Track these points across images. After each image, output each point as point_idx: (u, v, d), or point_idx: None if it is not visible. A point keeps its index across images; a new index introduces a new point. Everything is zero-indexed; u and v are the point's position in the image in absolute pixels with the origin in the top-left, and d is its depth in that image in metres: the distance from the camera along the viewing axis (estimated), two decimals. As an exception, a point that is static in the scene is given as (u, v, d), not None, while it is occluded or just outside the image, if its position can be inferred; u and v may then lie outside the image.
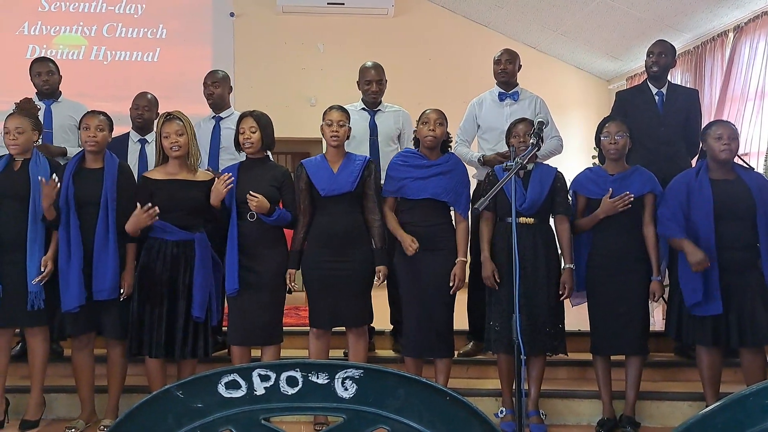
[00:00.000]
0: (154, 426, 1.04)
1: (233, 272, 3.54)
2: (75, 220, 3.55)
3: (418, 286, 3.64)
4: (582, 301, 3.80)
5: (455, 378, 3.97)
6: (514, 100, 4.42)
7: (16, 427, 3.70)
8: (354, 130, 4.32)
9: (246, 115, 3.69)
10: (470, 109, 4.53)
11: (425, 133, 3.66)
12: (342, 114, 3.69)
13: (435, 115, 3.69)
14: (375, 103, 4.39)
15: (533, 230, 3.62)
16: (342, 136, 3.68)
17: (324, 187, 3.63)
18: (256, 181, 3.62)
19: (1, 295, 3.54)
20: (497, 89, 4.47)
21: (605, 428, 3.68)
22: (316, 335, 3.70)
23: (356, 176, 3.65)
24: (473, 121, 4.49)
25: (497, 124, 4.30)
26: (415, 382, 1.06)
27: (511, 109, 4.36)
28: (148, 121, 4.47)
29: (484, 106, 4.47)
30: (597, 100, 8.17)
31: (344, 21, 7.90)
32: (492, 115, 4.40)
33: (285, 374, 1.05)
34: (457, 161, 3.80)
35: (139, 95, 4.54)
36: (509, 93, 4.43)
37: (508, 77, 4.40)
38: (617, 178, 3.65)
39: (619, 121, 3.70)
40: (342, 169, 3.67)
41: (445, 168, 3.71)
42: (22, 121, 3.65)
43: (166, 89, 6.99)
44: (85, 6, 7.65)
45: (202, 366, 3.75)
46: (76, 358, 3.71)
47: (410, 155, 3.77)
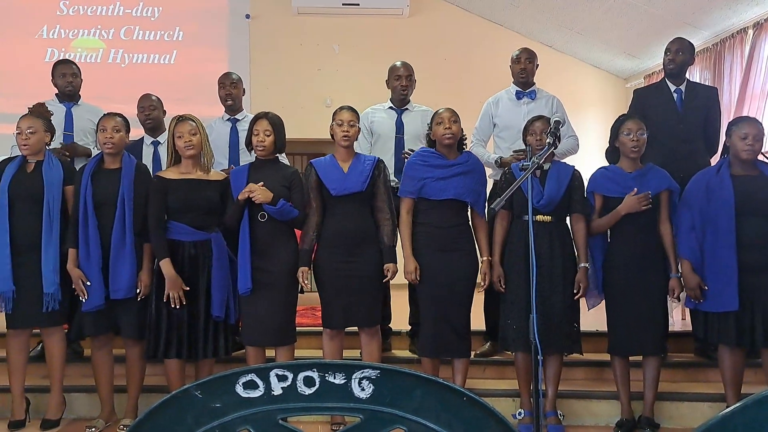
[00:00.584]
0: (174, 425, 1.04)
1: (246, 272, 3.55)
2: (93, 220, 3.58)
3: (436, 287, 3.63)
4: (598, 302, 3.78)
5: (472, 378, 3.96)
6: (531, 99, 4.41)
7: (37, 426, 3.74)
8: (380, 128, 4.35)
9: (261, 116, 3.70)
10: (486, 108, 4.52)
11: (442, 132, 3.66)
12: (352, 114, 3.70)
13: (448, 113, 3.69)
14: (403, 101, 4.39)
15: (550, 229, 3.60)
16: (353, 135, 3.69)
17: (335, 186, 3.63)
18: (267, 181, 3.62)
19: (16, 296, 3.57)
20: (514, 88, 4.47)
21: (624, 429, 3.66)
22: (329, 336, 3.71)
23: (367, 176, 3.66)
24: (489, 120, 4.48)
25: (514, 122, 4.29)
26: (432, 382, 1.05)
27: (528, 107, 4.36)
28: (157, 120, 4.49)
29: (501, 105, 4.46)
30: (614, 99, 8.12)
31: (359, 22, 7.91)
32: (509, 114, 4.39)
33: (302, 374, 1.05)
34: (476, 161, 3.80)
35: (143, 97, 4.55)
36: (526, 92, 4.43)
37: (527, 76, 4.39)
38: (636, 175, 3.62)
39: (638, 119, 3.68)
40: (352, 169, 3.68)
41: (466, 168, 3.70)
42: (34, 122, 3.70)
43: (183, 91, 7.05)
44: (102, 9, 7.71)
45: (219, 366, 3.77)
46: (95, 358, 3.74)
47: (429, 155, 3.75)
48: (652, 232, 3.62)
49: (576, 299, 3.63)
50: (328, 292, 3.67)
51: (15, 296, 3.57)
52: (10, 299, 3.56)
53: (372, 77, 7.58)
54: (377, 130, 4.39)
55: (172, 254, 3.57)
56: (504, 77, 4.57)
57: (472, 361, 3.92)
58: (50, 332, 3.73)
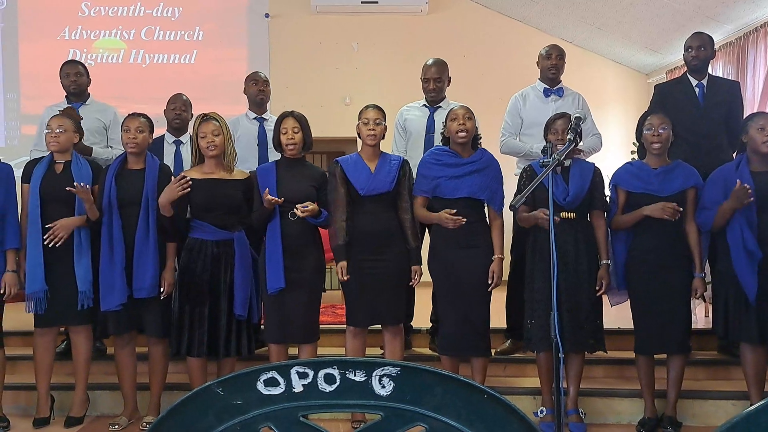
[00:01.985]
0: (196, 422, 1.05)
1: (278, 270, 3.55)
2: (117, 220, 3.62)
3: (455, 285, 3.62)
4: (621, 300, 3.75)
5: (493, 376, 3.95)
6: (559, 96, 4.39)
7: (61, 423, 3.79)
8: (413, 126, 4.34)
9: (287, 115, 3.71)
10: (514, 102, 4.49)
11: (456, 129, 3.64)
12: (378, 112, 3.70)
13: (463, 110, 3.67)
14: (435, 100, 4.38)
15: (574, 225, 3.58)
16: (379, 134, 3.69)
17: (363, 186, 3.63)
18: (296, 180, 3.64)
19: (50, 296, 3.62)
20: (541, 84, 4.44)
21: (647, 428, 3.63)
22: (353, 333, 3.71)
23: (394, 176, 3.66)
24: (517, 114, 4.44)
25: (542, 119, 4.24)
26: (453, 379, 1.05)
27: (556, 105, 4.33)
28: (185, 121, 4.53)
29: (528, 101, 4.44)
30: (636, 95, 8.04)
31: (378, 20, 7.91)
32: (537, 111, 4.36)
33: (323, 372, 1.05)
34: (490, 158, 3.77)
35: (174, 96, 4.59)
36: (554, 89, 4.40)
37: (557, 73, 4.37)
38: (660, 172, 3.59)
39: (661, 114, 3.65)
40: (379, 169, 3.68)
41: (480, 165, 3.68)
42: (64, 121, 3.74)
43: (203, 91, 7.08)
44: (123, 10, 7.78)
45: (241, 364, 3.79)
46: (119, 356, 3.78)
47: (442, 153, 3.73)
48: (677, 229, 3.58)
49: (599, 296, 3.60)
50: (353, 291, 3.67)
51: (47, 296, 3.61)
52: (43, 299, 3.60)
53: (391, 75, 7.61)
54: (410, 128, 4.38)
55: (195, 253, 3.60)
56: (524, 74, 4.55)
57: (493, 359, 3.90)
58: (78, 330, 3.77)
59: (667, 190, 3.56)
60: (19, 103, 7.61)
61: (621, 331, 4.09)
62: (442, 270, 3.66)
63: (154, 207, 3.64)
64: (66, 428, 3.75)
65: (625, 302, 3.73)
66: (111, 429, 3.72)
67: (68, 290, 3.62)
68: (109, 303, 3.59)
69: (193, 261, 3.60)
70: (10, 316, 3.79)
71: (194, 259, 3.59)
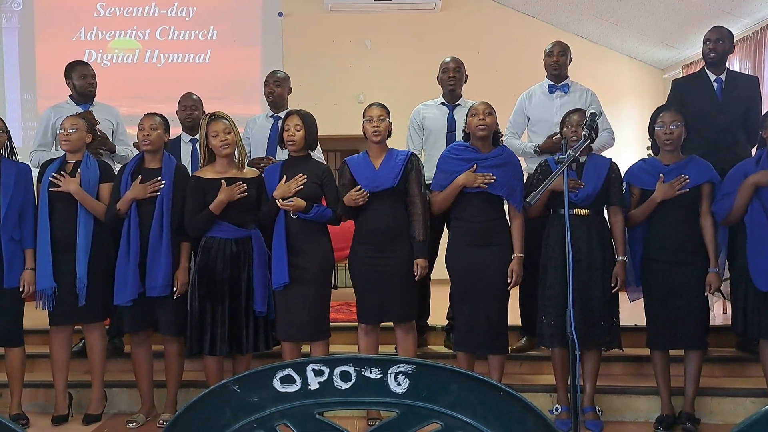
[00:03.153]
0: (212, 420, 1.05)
1: (282, 266, 3.57)
2: (135, 218, 3.65)
3: (473, 283, 3.62)
4: (640, 296, 3.73)
5: (508, 374, 3.94)
6: (564, 93, 4.36)
7: (80, 420, 3.82)
8: (432, 124, 4.34)
9: (292, 113, 3.73)
10: (520, 102, 4.49)
11: (476, 124, 3.63)
12: (381, 109, 3.70)
13: (483, 106, 3.66)
14: (452, 95, 4.37)
15: (588, 222, 3.56)
16: (383, 131, 3.69)
17: (366, 183, 3.63)
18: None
19: (57, 294, 3.65)
20: (547, 81, 4.42)
21: (664, 425, 3.60)
22: (364, 331, 3.72)
23: (398, 172, 3.65)
24: (523, 113, 4.44)
25: (547, 116, 4.25)
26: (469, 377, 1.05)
27: (561, 101, 4.31)
28: (197, 120, 4.54)
29: (534, 99, 4.42)
30: (652, 90, 7.98)
31: (391, 17, 7.90)
32: (542, 108, 4.35)
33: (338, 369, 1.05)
34: (510, 154, 3.76)
35: (184, 96, 4.62)
36: (559, 85, 4.38)
37: (560, 69, 4.35)
38: (673, 168, 3.56)
39: (673, 111, 3.62)
40: (383, 165, 3.68)
41: (499, 161, 3.67)
42: (77, 121, 3.79)
43: (218, 90, 7.11)
44: (138, 10, 7.82)
45: (256, 361, 3.81)
46: (135, 354, 3.81)
47: (462, 148, 3.73)
48: (692, 224, 3.56)
49: (615, 293, 3.58)
50: (363, 288, 3.68)
51: (57, 294, 3.65)
52: (51, 297, 3.64)
53: (404, 72, 7.60)
54: (429, 126, 4.37)
55: (214, 252, 3.62)
56: (538, 70, 4.53)
57: (508, 356, 3.89)
58: (90, 329, 3.81)
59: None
60: (36, 104, 7.68)
61: (638, 328, 4.06)
62: (460, 267, 3.65)
63: (169, 207, 3.66)
64: (84, 425, 3.79)
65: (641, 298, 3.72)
66: (128, 426, 3.75)
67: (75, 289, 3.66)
68: (120, 298, 3.63)
69: (213, 260, 3.61)
70: (29, 314, 3.83)
71: (213, 259, 3.61)
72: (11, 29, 7.72)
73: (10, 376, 3.77)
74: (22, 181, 3.70)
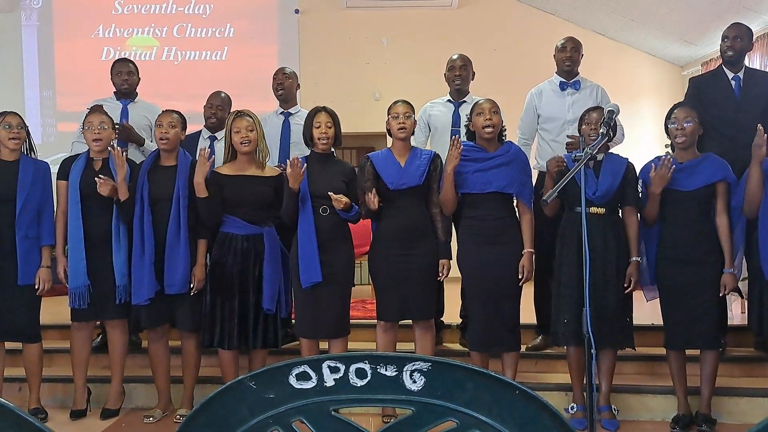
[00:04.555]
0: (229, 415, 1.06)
1: (314, 265, 3.55)
2: (148, 216, 3.67)
3: (484, 280, 3.61)
4: (656, 295, 3.70)
5: (523, 372, 3.93)
6: (575, 89, 4.33)
7: (98, 415, 3.86)
8: (438, 121, 4.34)
9: (320, 110, 3.72)
10: (529, 99, 4.45)
11: (482, 124, 3.62)
12: (407, 106, 3.70)
13: (488, 104, 3.65)
14: (460, 93, 4.36)
15: (603, 221, 3.54)
16: (409, 128, 3.69)
17: (393, 180, 3.63)
18: (327, 175, 3.66)
19: (92, 291, 3.68)
20: (557, 78, 4.39)
21: (680, 425, 3.58)
22: (383, 328, 3.72)
23: (424, 170, 3.65)
24: (533, 112, 4.41)
25: (558, 114, 4.22)
26: (484, 375, 1.05)
27: (573, 98, 4.28)
28: (221, 120, 4.56)
29: (544, 96, 4.39)
30: (670, 87, 7.91)
31: (408, 14, 7.90)
32: (553, 105, 4.32)
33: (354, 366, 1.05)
34: (517, 150, 3.74)
35: (213, 94, 4.63)
36: (570, 82, 4.34)
37: (573, 65, 4.32)
38: (686, 166, 3.53)
39: (687, 107, 3.58)
40: (409, 163, 3.68)
41: (507, 159, 3.65)
42: (105, 118, 3.79)
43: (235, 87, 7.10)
44: (156, 8, 7.87)
45: (272, 358, 3.83)
46: (152, 349, 3.84)
47: (469, 148, 3.70)
48: (707, 223, 3.53)
49: (628, 293, 3.56)
50: (384, 285, 3.68)
51: (90, 291, 3.68)
52: (85, 294, 3.67)
53: (421, 69, 7.58)
54: (435, 124, 4.37)
55: (226, 247, 3.63)
56: (554, 67, 4.50)
57: (523, 355, 3.88)
58: (114, 324, 3.84)
59: (691, 185, 3.50)
60: (54, 101, 7.75)
61: (654, 327, 4.04)
62: (470, 265, 3.64)
63: (186, 204, 3.68)
64: (102, 420, 3.82)
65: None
66: (146, 421, 3.78)
67: (105, 285, 3.69)
68: (138, 297, 3.66)
69: (224, 255, 3.64)
70: (47, 310, 3.86)
71: (224, 253, 3.64)
72: (30, 27, 7.79)
73: (28, 372, 3.81)
74: (40, 178, 3.73)
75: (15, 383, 3.97)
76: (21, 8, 7.74)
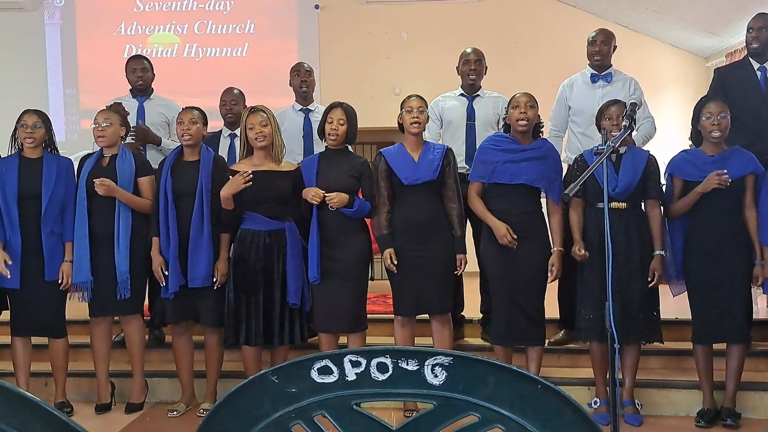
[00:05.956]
0: (252, 409, 1.07)
1: (315, 262, 3.60)
2: (172, 211, 3.70)
3: (510, 275, 3.59)
4: (683, 290, 3.66)
5: (546, 367, 3.91)
6: (607, 82, 4.29)
7: (122, 409, 3.91)
8: (451, 115, 4.32)
9: (335, 105, 3.73)
10: (561, 91, 4.42)
11: (517, 117, 3.60)
12: (420, 101, 3.70)
13: (525, 98, 3.63)
14: (473, 87, 4.35)
15: (626, 215, 3.51)
16: (422, 122, 3.68)
17: (406, 175, 3.63)
18: (336, 171, 3.66)
19: (95, 286, 3.73)
20: (589, 71, 4.35)
21: (705, 419, 3.55)
22: (401, 323, 3.72)
23: (437, 165, 3.65)
24: (564, 103, 4.37)
25: (589, 107, 4.18)
26: (506, 369, 1.04)
27: (604, 91, 4.23)
28: (238, 115, 4.59)
29: (575, 88, 4.36)
30: (694, 79, 7.81)
31: (428, 8, 7.86)
32: (583, 98, 4.28)
33: (375, 360, 1.05)
34: (550, 147, 3.73)
35: (226, 91, 4.66)
36: (602, 74, 4.30)
37: (602, 59, 4.27)
38: (717, 159, 3.49)
39: (720, 101, 3.54)
40: (422, 158, 3.67)
41: (539, 153, 3.63)
42: (110, 115, 3.85)
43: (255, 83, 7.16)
44: (177, 5, 7.91)
45: (294, 353, 3.85)
46: (176, 344, 3.88)
47: (502, 139, 3.70)
48: (736, 217, 3.49)
49: (653, 287, 3.53)
50: (400, 280, 3.68)
51: (94, 286, 3.73)
52: (89, 289, 3.71)
53: (441, 64, 7.52)
54: (448, 117, 4.36)
55: (248, 244, 3.65)
56: (578, 60, 4.46)
57: (546, 350, 3.87)
58: (128, 320, 3.88)
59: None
60: (78, 99, 7.83)
61: (678, 321, 4.00)
62: (495, 260, 3.63)
63: (209, 198, 3.70)
64: (126, 414, 3.87)
65: (685, 292, 3.65)
66: (170, 415, 3.82)
67: (114, 281, 3.73)
68: (163, 291, 3.69)
69: (246, 251, 3.65)
70: (72, 305, 3.91)
71: (247, 250, 3.65)
72: (53, 25, 7.88)
73: (54, 366, 3.86)
74: (63, 175, 3.77)
75: (41, 378, 4.03)
76: (44, 7, 7.82)
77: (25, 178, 3.71)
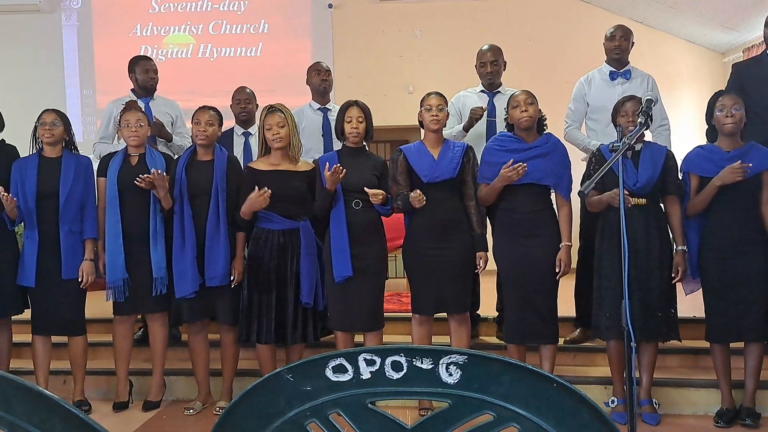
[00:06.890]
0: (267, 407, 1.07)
1: (345, 258, 3.58)
2: (188, 210, 3.72)
3: (520, 273, 3.58)
4: (696, 288, 3.63)
5: (562, 365, 3.90)
6: (626, 79, 4.25)
7: (140, 407, 3.93)
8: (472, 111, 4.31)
9: (352, 104, 3.73)
10: (578, 87, 4.39)
11: (519, 116, 3.59)
12: (440, 99, 3.69)
13: (524, 95, 3.62)
14: (493, 85, 4.33)
15: (645, 212, 3.49)
16: (442, 119, 3.68)
17: (426, 173, 3.62)
18: (358, 169, 3.66)
19: (130, 284, 3.75)
20: (607, 67, 4.32)
21: (724, 419, 3.51)
22: (418, 321, 3.72)
23: (457, 163, 3.64)
24: (582, 100, 4.34)
25: (608, 103, 4.14)
26: (521, 368, 1.04)
27: (623, 87, 4.20)
28: (251, 113, 4.62)
29: (594, 85, 4.32)
30: (711, 75, 7.74)
31: (441, 6, 7.85)
32: (602, 95, 4.25)
33: (390, 359, 1.05)
34: (555, 141, 3.70)
35: (238, 90, 4.69)
36: (621, 71, 4.27)
37: (622, 54, 4.24)
38: (734, 155, 3.44)
39: (733, 94, 3.50)
40: (442, 156, 3.66)
41: (544, 150, 3.62)
42: (141, 116, 3.87)
43: (270, 83, 7.19)
44: (191, 6, 7.96)
45: (308, 351, 3.85)
46: (192, 342, 3.89)
47: (506, 139, 3.69)
48: (753, 213, 3.44)
49: (673, 284, 3.50)
50: (419, 278, 3.68)
51: (128, 285, 3.74)
52: (123, 288, 3.74)
53: (454, 61, 7.53)
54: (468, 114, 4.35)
55: (263, 242, 3.67)
56: (593, 56, 4.43)
57: (562, 348, 3.85)
58: (155, 318, 3.90)
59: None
60: (94, 99, 7.90)
61: (696, 319, 3.96)
62: (505, 258, 3.63)
63: (224, 197, 3.72)
64: (144, 412, 3.89)
65: (699, 290, 3.62)
66: (186, 413, 3.84)
67: (144, 278, 3.75)
68: (182, 291, 3.70)
69: (260, 250, 3.67)
70: (91, 303, 3.94)
71: (261, 249, 3.67)
72: (70, 26, 7.95)
73: (73, 364, 3.90)
74: (82, 173, 3.80)
75: (60, 375, 4.06)
76: (61, 9, 7.89)
77: (44, 176, 3.74)
